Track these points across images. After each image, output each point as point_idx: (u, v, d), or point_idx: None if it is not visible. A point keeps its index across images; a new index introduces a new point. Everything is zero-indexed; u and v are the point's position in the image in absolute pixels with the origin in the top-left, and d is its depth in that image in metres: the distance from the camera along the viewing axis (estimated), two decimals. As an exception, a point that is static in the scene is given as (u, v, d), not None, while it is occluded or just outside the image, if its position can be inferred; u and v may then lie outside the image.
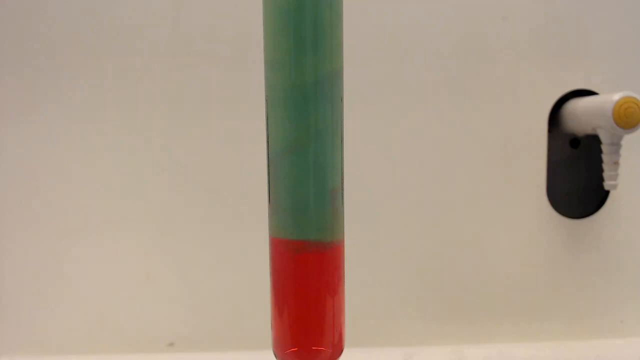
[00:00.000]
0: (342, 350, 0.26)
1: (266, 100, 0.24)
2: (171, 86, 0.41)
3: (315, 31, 0.23)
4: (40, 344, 0.42)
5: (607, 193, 0.43)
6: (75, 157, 0.42)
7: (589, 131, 0.41)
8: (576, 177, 0.44)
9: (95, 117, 0.42)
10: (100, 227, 0.42)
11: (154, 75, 0.41)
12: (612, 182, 0.40)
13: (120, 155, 0.42)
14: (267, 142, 0.24)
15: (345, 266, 0.26)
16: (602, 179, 0.41)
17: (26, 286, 0.42)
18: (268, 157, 0.25)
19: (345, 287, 0.26)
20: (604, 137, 0.39)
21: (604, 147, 0.40)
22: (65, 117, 0.41)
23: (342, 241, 0.25)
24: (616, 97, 0.37)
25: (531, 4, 0.42)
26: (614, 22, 0.43)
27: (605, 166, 0.40)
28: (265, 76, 0.24)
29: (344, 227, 0.25)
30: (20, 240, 0.42)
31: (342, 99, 0.25)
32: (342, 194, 0.25)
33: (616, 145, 0.39)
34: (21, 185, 0.42)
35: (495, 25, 0.42)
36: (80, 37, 0.41)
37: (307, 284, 0.24)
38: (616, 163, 0.40)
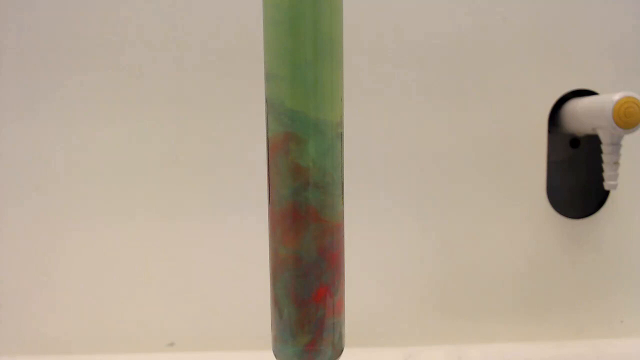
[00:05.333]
0: (342, 350, 0.26)
1: (266, 100, 0.24)
2: (170, 81, 0.42)
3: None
4: (40, 344, 0.42)
5: (607, 193, 0.43)
6: (74, 156, 0.42)
7: (589, 131, 0.41)
8: (576, 177, 0.44)
9: (93, 112, 0.42)
10: (101, 227, 0.42)
11: (154, 70, 0.41)
12: (612, 182, 0.40)
13: (120, 154, 0.42)
14: (267, 129, 0.24)
15: (345, 266, 0.26)
16: (602, 179, 0.41)
17: (26, 286, 0.42)
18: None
19: (346, 287, 0.26)
20: (604, 137, 0.39)
21: (604, 147, 0.40)
22: (62, 112, 0.41)
23: (342, 228, 0.25)
24: (616, 97, 0.37)
25: (531, 4, 0.42)
26: (614, 22, 0.43)
27: (605, 166, 0.40)
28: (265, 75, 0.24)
29: (344, 227, 0.25)
30: (20, 240, 0.42)
31: (342, 99, 0.25)
32: (342, 194, 0.25)
33: (616, 145, 0.39)
34: (21, 185, 0.42)
35: (496, 26, 0.42)
36: (80, 35, 0.41)
37: (307, 281, 0.24)
38: (616, 163, 0.40)
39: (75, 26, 0.41)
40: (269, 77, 0.24)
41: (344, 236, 0.25)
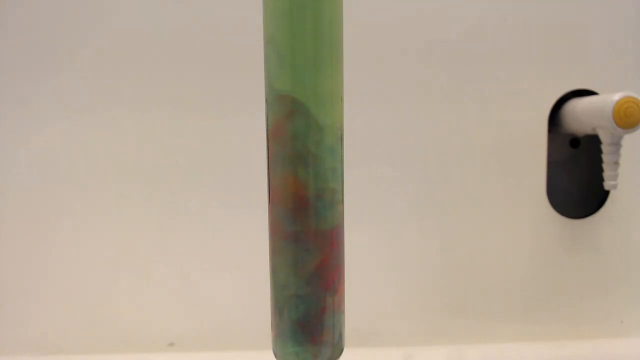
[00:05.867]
0: (342, 350, 0.26)
1: (266, 100, 0.24)
2: (170, 80, 0.42)
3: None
4: (40, 344, 0.42)
5: (607, 193, 0.43)
6: (74, 156, 0.42)
7: (589, 131, 0.41)
8: (576, 177, 0.44)
9: (91, 111, 0.42)
10: (101, 227, 0.42)
11: (154, 70, 0.41)
12: (612, 182, 0.40)
13: (119, 152, 0.42)
14: (267, 129, 0.25)
15: (345, 266, 0.26)
16: (602, 179, 0.41)
17: (26, 286, 0.42)
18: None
19: (346, 287, 0.26)
20: (604, 137, 0.39)
21: (604, 147, 0.40)
22: (60, 111, 0.41)
23: (342, 228, 0.25)
24: (616, 97, 0.37)
25: (531, 4, 0.42)
26: (614, 22, 0.43)
27: (605, 166, 0.40)
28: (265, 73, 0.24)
29: (344, 227, 0.25)
30: (19, 240, 0.42)
31: (342, 99, 0.25)
32: (342, 194, 0.25)
33: (616, 145, 0.39)
34: (20, 184, 0.42)
35: (496, 26, 0.42)
36: (79, 34, 0.41)
37: (307, 281, 0.24)
38: (616, 163, 0.40)
39: (72, 23, 0.41)
40: (269, 77, 0.24)
41: (344, 236, 0.25)
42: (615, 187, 0.40)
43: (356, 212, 0.40)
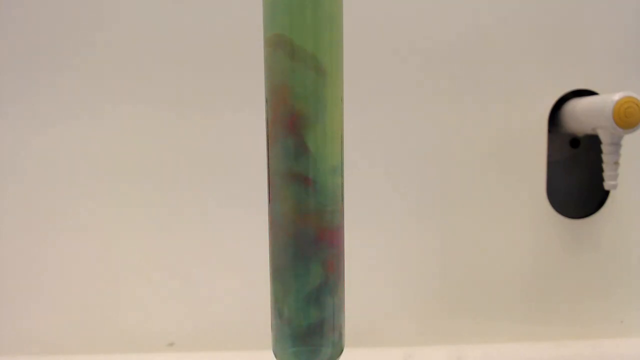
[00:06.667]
0: (342, 350, 0.26)
1: (266, 100, 0.24)
2: (171, 77, 0.42)
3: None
4: (40, 344, 0.42)
5: (607, 193, 0.43)
6: (73, 156, 0.42)
7: (589, 131, 0.41)
8: (576, 177, 0.44)
9: (92, 111, 0.42)
10: (101, 226, 0.42)
11: (155, 71, 0.41)
12: (612, 182, 0.40)
13: (119, 152, 0.42)
14: (267, 132, 0.24)
15: (345, 266, 0.26)
16: (602, 179, 0.41)
17: (26, 286, 0.42)
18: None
19: (345, 287, 0.26)
20: (604, 137, 0.39)
21: (604, 147, 0.40)
22: (60, 111, 0.41)
23: (342, 229, 0.25)
24: (616, 97, 0.37)
25: (532, 4, 0.42)
26: (614, 22, 0.43)
27: (605, 166, 0.40)
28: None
29: (344, 227, 0.25)
30: (19, 240, 0.42)
31: (342, 99, 0.25)
32: (342, 195, 0.25)
33: (616, 145, 0.39)
34: (20, 185, 0.42)
35: (496, 25, 0.42)
36: (80, 33, 0.41)
37: (307, 281, 0.24)
38: (616, 163, 0.40)
39: (73, 23, 0.41)
40: (268, 78, 0.24)
41: (344, 236, 0.25)
42: (615, 187, 0.40)
43: (356, 212, 0.40)
